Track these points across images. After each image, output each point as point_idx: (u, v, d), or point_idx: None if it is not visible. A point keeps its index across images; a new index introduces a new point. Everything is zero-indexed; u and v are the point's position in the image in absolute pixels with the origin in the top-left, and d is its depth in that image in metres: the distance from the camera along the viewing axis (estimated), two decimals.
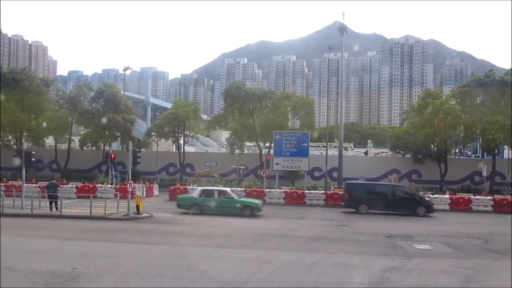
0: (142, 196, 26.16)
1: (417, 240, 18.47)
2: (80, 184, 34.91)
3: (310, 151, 39.05)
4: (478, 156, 53.78)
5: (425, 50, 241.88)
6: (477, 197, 32.13)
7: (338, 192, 32.97)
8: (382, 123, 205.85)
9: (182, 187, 34.57)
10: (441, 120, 39.16)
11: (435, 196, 32.07)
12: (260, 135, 44.00)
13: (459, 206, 30.86)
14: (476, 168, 40.71)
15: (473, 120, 39.55)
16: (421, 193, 33.22)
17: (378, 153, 77.60)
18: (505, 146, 46.38)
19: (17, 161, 27.17)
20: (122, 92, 50.73)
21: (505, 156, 46.95)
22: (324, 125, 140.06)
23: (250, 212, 25.10)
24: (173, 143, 47.98)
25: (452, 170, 41.19)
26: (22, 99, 42.72)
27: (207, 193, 26.16)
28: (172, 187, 34.91)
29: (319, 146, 69.87)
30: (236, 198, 26.32)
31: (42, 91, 43.49)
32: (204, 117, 62.24)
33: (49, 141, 51.90)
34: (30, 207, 23.46)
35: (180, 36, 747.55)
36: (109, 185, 34.04)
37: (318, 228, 21.55)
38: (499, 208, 30.37)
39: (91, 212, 22.77)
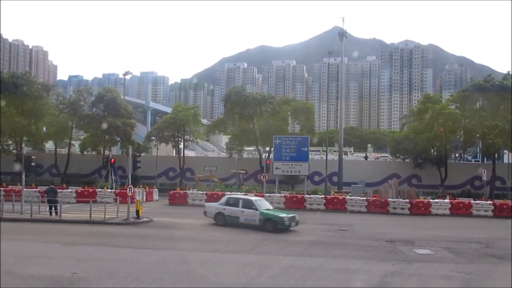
0: (142, 201, 26.12)
1: (418, 245, 18.43)
2: (80, 189, 34.87)
3: (310, 156, 39.07)
4: (478, 161, 53.78)
5: (424, 55, 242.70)
6: (477, 201, 32.08)
7: (338, 196, 32.96)
8: (382, 128, 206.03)
9: (182, 191, 34.57)
10: (441, 125, 39.16)
11: (435, 201, 32.03)
12: (260, 139, 44.02)
13: (459, 211, 30.80)
14: (476, 172, 40.62)
15: (473, 124, 39.56)
16: (421, 198, 33.28)
17: (378, 158, 77.61)
18: (505, 151, 46.36)
19: (17, 166, 27.22)
20: (122, 97, 50.76)
21: (505, 160, 46.92)
22: (324, 129, 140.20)
23: None
24: (173, 148, 47.95)
25: (452, 174, 41.16)
26: (22, 104, 42.68)
27: None
28: (172, 191, 34.89)
29: (319, 151, 69.89)
30: None
31: (42, 95, 43.47)
32: (204, 121, 62.32)
33: (49, 145, 51.89)
34: (29, 211, 23.43)
35: (180, 40, 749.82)
36: (109, 190, 34.02)
37: (318, 232, 21.51)
38: (500, 213, 30.32)
39: (90, 217, 22.75)
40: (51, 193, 25.17)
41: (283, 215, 21.36)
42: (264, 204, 22.39)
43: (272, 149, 39.34)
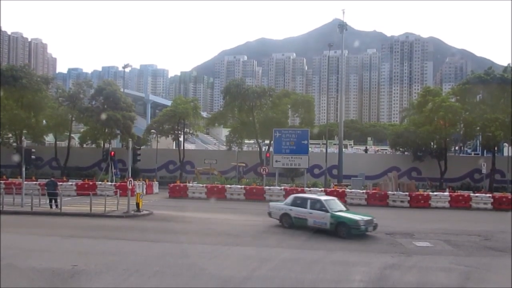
0: (142, 194, 26.15)
1: (417, 237, 18.48)
2: (80, 182, 34.89)
3: (310, 149, 39.04)
4: (478, 154, 53.75)
5: (425, 48, 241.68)
6: (476, 194, 32.12)
7: (338, 189, 32.99)
8: (382, 121, 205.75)
9: (182, 184, 34.60)
10: (441, 118, 39.09)
11: (435, 193, 32.06)
12: (260, 132, 43.96)
13: (459, 204, 30.84)
14: (476, 165, 40.66)
15: (473, 117, 39.47)
16: (421, 191, 33.31)
17: (378, 151, 77.52)
18: (505, 144, 46.31)
19: (17, 159, 27.17)
20: (122, 90, 50.62)
21: (505, 153, 46.90)
22: (324, 122, 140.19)
23: None
24: (173, 141, 47.91)
25: (452, 167, 41.16)
26: (21, 97, 42.58)
27: None
28: (172, 184, 34.92)
29: (319, 144, 69.83)
30: None
31: (41, 88, 43.37)
32: (204, 114, 62.19)
33: (49, 138, 51.84)
34: (30, 204, 23.46)
35: (180, 33, 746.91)
36: (109, 183, 34.06)
37: None
38: (499, 205, 30.37)
39: (91, 210, 22.79)
40: (51, 186, 25.19)
41: (358, 217, 18.44)
42: (336, 205, 19.54)
43: (272, 142, 39.32)
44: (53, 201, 24.39)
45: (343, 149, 47.07)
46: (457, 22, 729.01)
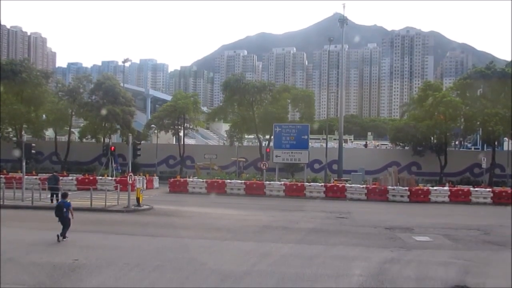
0: (142, 188, 26.18)
1: (416, 232, 18.53)
2: (80, 176, 34.92)
3: (310, 144, 39.04)
4: (478, 148, 53.79)
5: (425, 42, 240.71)
6: (476, 189, 32.17)
7: (337, 184, 33.06)
8: (382, 116, 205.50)
9: (182, 179, 34.65)
10: (441, 113, 39.08)
11: (435, 188, 32.12)
12: (260, 127, 43.92)
13: (459, 198, 30.91)
14: (476, 160, 40.69)
15: (474, 112, 39.47)
16: (420, 185, 33.35)
17: (378, 146, 77.51)
18: (505, 138, 46.31)
19: (17, 153, 27.19)
20: (122, 84, 50.49)
21: (505, 148, 46.92)
22: (324, 117, 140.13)
23: None
24: (173, 136, 47.92)
25: (452, 162, 41.20)
26: (21, 91, 42.53)
27: None
28: (172, 179, 34.97)
29: (319, 139, 69.78)
30: None
31: (41, 83, 43.29)
32: (204, 109, 62.11)
33: (49, 133, 51.81)
34: (30, 199, 23.50)
35: (180, 28, 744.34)
36: (109, 177, 34.10)
37: (318, 220, 21.61)
38: (498, 200, 30.46)
39: (91, 204, 22.81)
40: (53, 180, 25.24)
41: None
42: None
43: (272, 137, 39.31)
44: (55, 196, 24.40)
45: (343, 144, 47.06)
46: (457, 16, 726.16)
